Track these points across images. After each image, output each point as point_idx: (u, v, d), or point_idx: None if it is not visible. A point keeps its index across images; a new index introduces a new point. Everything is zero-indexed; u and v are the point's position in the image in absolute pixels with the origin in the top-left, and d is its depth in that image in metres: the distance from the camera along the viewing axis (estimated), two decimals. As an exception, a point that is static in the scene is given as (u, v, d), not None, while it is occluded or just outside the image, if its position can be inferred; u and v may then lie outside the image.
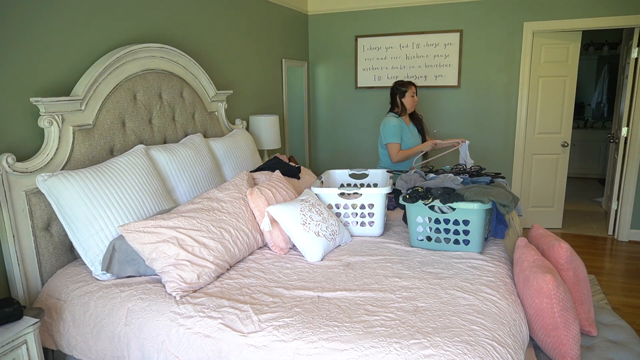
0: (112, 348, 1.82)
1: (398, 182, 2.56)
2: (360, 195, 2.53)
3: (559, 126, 4.56)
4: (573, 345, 1.70)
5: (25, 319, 1.68)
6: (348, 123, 5.21)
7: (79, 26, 2.30)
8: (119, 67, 2.42)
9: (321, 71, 5.20)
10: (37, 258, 2.04)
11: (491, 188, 2.27)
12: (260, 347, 1.60)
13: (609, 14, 4.09)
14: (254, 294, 1.90)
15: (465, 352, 1.47)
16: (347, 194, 2.55)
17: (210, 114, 3.24)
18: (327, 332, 1.61)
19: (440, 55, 4.66)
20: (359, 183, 3.14)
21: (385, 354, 1.49)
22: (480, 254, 2.27)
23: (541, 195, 4.75)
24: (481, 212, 2.23)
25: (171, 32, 2.96)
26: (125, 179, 2.17)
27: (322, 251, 2.27)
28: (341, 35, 5.01)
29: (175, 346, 1.71)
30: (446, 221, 2.29)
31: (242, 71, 3.83)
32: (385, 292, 1.89)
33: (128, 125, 2.50)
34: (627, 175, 4.33)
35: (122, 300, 1.87)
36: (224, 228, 2.19)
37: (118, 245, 2.00)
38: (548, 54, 4.42)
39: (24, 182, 1.99)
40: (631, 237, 4.45)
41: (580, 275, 1.98)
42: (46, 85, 2.15)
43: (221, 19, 3.49)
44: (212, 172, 2.79)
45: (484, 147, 4.71)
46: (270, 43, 4.28)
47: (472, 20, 4.51)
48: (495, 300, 1.80)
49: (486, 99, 4.62)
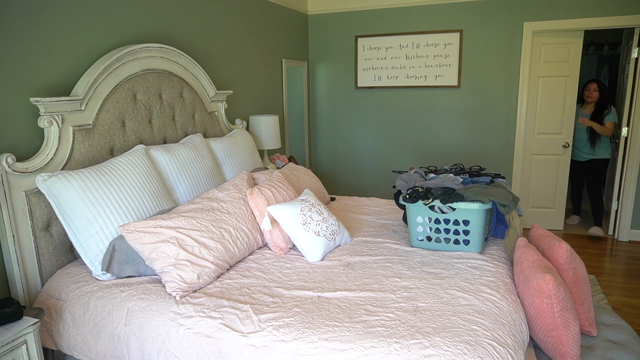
0: (112, 348, 1.82)
1: (398, 182, 2.56)
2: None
3: (559, 126, 4.56)
4: (573, 345, 1.70)
5: (25, 319, 1.68)
6: (348, 123, 5.21)
7: (79, 26, 2.30)
8: (119, 67, 2.42)
9: (321, 71, 5.20)
10: (37, 258, 2.04)
11: (491, 188, 2.28)
12: (260, 347, 1.59)
13: (609, 14, 4.09)
14: (254, 294, 1.90)
15: (465, 352, 1.47)
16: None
17: (210, 114, 3.24)
18: (327, 332, 1.61)
19: (440, 55, 4.66)
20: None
21: (385, 354, 1.49)
22: (480, 254, 2.27)
23: (542, 196, 4.74)
24: (481, 212, 2.23)
25: (171, 32, 2.96)
26: (125, 179, 2.17)
27: (322, 251, 2.27)
28: (341, 35, 5.01)
29: (175, 346, 1.71)
30: (446, 221, 2.30)
31: (242, 71, 3.83)
32: (385, 292, 1.89)
33: (128, 125, 2.49)
34: (627, 175, 4.33)
35: (122, 300, 1.87)
36: (224, 228, 2.19)
37: (118, 245, 2.00)
38: (548, 54, 4.42)
39: (24, 182, 1.99)
40: (631, 237, 4.45)
41: (580, 275, 1.98)
42: (46, 85, 2.15)
43: (221, 19, 3.49)
44: (212, 172, 2.79)
45: (484, 147, 4.71)
46: (270, 43, 4.28)
47: (472, 20, 4.50)
48: (495, 300, 1.80)
49: (486, 99, 4.62)
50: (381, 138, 5.08)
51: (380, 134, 5.08)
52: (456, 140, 4.78)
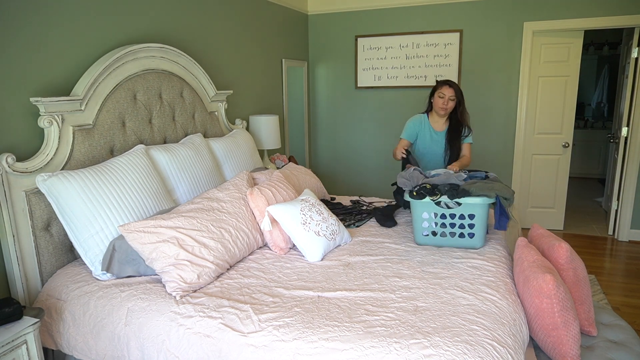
0: (112, 348, 1.82)
1: (399, 179, 2.58)
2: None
3: (559, 126, 4.56)
4: (573, 345, 1.70)
5: (25, 319, 1.68)
6: (348, 123, 5.21)
7: (79, 26, 2.30)
8: (119, 67, 2.42)
9: (321, 71, 5.20)
10: (37, 258, 2.04)
11: (493, 183, 2.38)
12: (260, 347, 1.59)
13: (609, 14, 4.09)
14: (254, 294, 1.90)
15: (465, 352, 1.47)
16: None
17: (210, 114, 3.24)
18: (327, 332, 1.61)
19: (440, 55, 4.66)
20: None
21: (385, 354, 1.49)
22: (480, 254, 2.27)
23: (542, 196, 4.74)
24: (485, 206, 2.33)
25: (171, 32, 2.96)
26: (125, 179, 2.17)
27: (322, 251, 2.27)
28: (341, 35, 5.01)
29: (175, 346, 1.71)
30: (452, 216, 2.37)
31: (242, 71, 3.83)
32: (385, 292, 1.89)
33: (128, 125, 2.49)
34: (627, 175, 4.33)
35: (122, 300, 1.87)
36: (224, 228, 2.19)
37: (118, 245, 2.00)
38: (548, 54, 4.41)
39: (24, 182, 1.98)
40: (631, 237, 4.45)
41: (580, 275, 1.98)
42: (46, 85, 2.15)
43: (221, 19, 3.49)
44: (212, 172, 2.79)
45: (484, 147, 4.71)
46: (270, 43, 4.28)
47: (472, 20, 4.50)
48: (495, 300, 1.80)
49: (486, 99, 4.62)
50: (381, 138, 5.07)
51: (380, 134, 5.07)
52: (456, 140, 4.77)
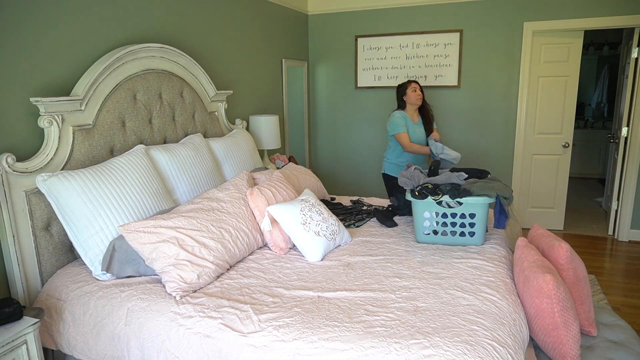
0: (112, 348, 1.82)
1: (400, 179, 2.59)
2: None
3: (559, 126, 4.56)
4: (573, 345, 1.70)
5: (25, 319, 1.68)
6: (348, 123, 5.21)
7: (79, 26, 2.30)
8: (119, 67, 2.42)
9: (321, 71, 5.20)
10: (37, 258, 2.04)
11: (492, 182, 2.42)
12: (260, 347, 1.59)
13: (609, 14, 4.09)
14: (254, 294, 1.90)
15: (465, 352, 1.47)
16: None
17: (210, 114, 3.24)
18: (327, 332, 1.60)
19: (440, 55, 4.66)
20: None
21: (385, 354, 1.49)
22: (480, 254, 2.27)
23: (542, 196, 4.74)
24: (485, 205, 2.37)
25: (171, 32, 2.96)
26: (125, 179, 2.17)
27: (322, 251, 2.27)
28: (341, 35, 5.01)
29: (175, 346, 1.71)
30: (453, 215, 2.40)
31: (242, 71, 3.83)
32: (385, 292, 1.89)
33: (128, 125, 2.49)
34: (627, 175, 4.33)
35: (122, 300, 1.87)
36: (224, 228, 2.19)
37: (118, 245, 2.00)
38: (548, 54, 4.41)
39: (24, 182, 1.98)
40: (631, 237, 4.45)
41: (580, 275, 1.98)
42: (46, 85, 2.15)
43: (221, 19, 3.49)
44: (212, 172, 2.79)
45: (484, 147, 4.71)
46: (270, 43, 4.28)
47: (472, 20, 4.50)
48: (495, 300, 1.80)
49: (486, 99, 4.62)
50: (381, 138, 5.07)
51: (380, 134, 5.07)
52: (456, 140, 4.77)
